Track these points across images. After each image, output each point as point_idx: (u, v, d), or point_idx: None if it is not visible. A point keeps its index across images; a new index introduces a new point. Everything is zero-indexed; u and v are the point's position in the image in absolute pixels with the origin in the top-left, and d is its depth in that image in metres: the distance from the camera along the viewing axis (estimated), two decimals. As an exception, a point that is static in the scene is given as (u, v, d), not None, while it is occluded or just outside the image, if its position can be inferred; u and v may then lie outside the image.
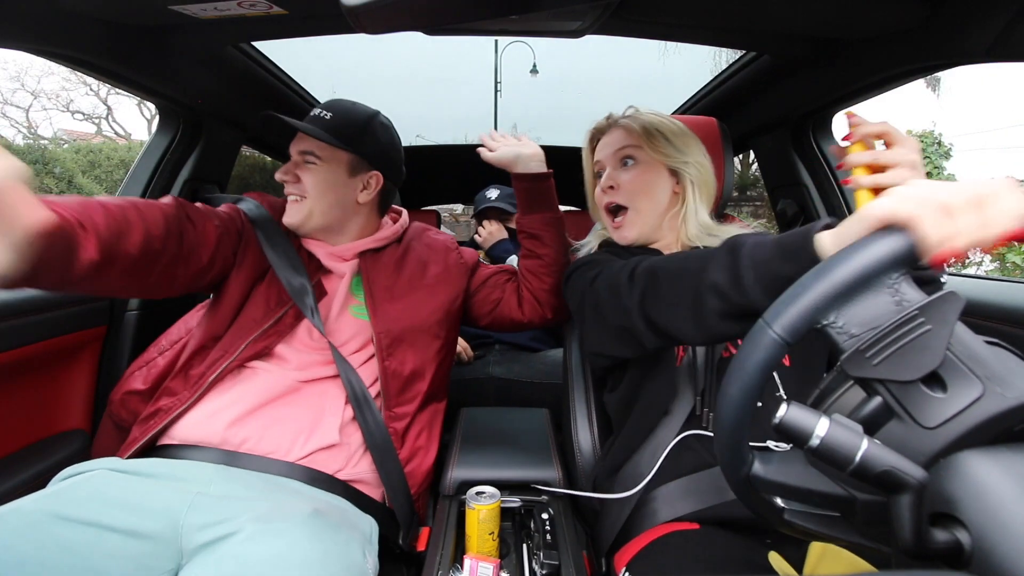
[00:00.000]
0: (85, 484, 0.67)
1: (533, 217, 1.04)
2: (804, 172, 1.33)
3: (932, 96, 9.02)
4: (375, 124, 1.00)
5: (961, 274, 0.85)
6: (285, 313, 0.89)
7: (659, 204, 0.91)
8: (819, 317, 0.39)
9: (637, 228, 0.92)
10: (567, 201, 2.87)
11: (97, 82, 1.71)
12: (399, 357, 0.92)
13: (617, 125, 0.96)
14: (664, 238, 0.94)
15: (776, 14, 0.86)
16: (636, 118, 0.94)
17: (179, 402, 0.82)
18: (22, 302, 0.91)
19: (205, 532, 0.65)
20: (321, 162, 0.94)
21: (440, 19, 0.80)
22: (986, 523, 0.33)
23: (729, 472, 0.44)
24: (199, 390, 0.82)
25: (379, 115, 1.02)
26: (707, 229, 0.90)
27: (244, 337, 0.87)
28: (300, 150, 0.95)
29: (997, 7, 0.70)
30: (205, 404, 0.83)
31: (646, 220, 0.92)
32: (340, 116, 0.96)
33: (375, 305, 0.94)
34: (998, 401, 0.36)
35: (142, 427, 0.83)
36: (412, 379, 0.93)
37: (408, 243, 1.06)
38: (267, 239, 0.94)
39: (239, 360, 0.85)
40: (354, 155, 0.96)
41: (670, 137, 0.92)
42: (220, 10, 0.80)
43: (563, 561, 0.73)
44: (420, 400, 0.93)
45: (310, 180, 0.95)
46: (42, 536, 0.59)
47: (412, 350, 0.94)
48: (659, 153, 0.90)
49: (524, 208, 1.05)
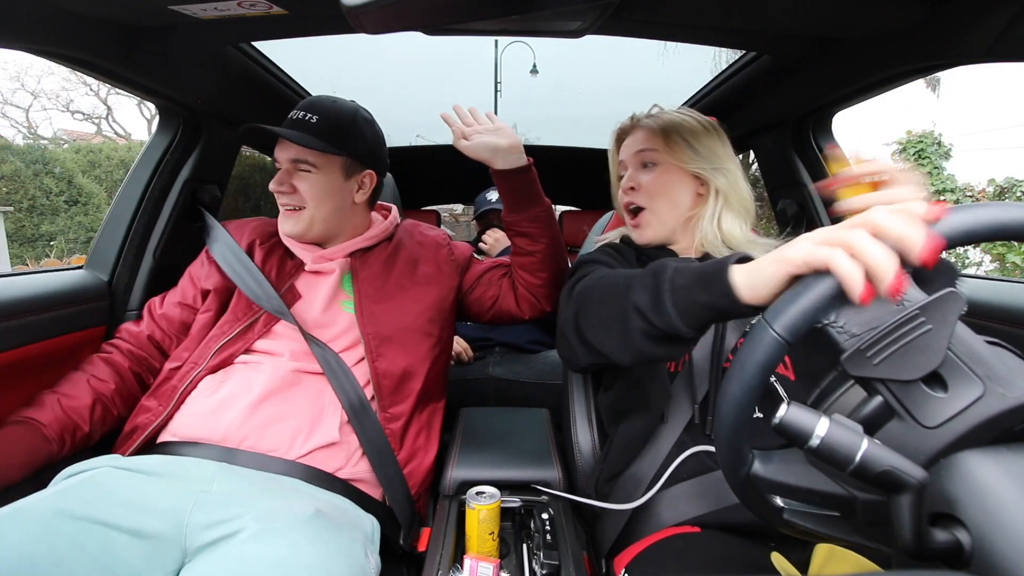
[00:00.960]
0: (91, 482, 0.67)
1: (520, 215, 0.96)
2: (804, 172, 1.33)
3: (932, 96, 9.03)
4: (360, 121, 0.98)
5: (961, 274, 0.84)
6: (255, 320, 0.91)
7: (678, 207, 0.90)
8: (820, 316, 0.39)
9: (653, 229, 0.91)
10: (567, 201, 2.87)
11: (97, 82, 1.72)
12: (389, 357, 0.92)
13: (639, 126, 0.95)
14: (681, 241, 0.93)
15: (776, 14, 0.86)
16: (658, 118, 0.93)
17: (154, 416, 0.84)
18: (22, 302, 0.91)
19: (209, 531, 0.65)
20: (316, 169, 0.93)
21: (440, 19, 0.80)
22: (986, 523, 0.33)
23: (729, 472, 0.44)
24: (171, 402, 0.84)
25: (361, 110, 1.00)
26: (724, 237, 0.88)
27: (211, 346, 0.89)
28: (291, 158, 0.93)
29: (997, 7, 0.70)
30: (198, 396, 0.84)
31: (663, 222, 0.91)
32: (326, 118, 0.93)
33: (363, 307, 0.94)
34: (999, 401, 0.36)
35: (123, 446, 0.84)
36: (405, 378, 0.92)
37: (399, 241, 1.06)
38: (227, 263, 0.96)
39: (208, 370, 0.87)
40: (347, 158, 0.95)
41: (690, 139, 0.90)
42: (220, 10, 0.80)
43: (563, 561, 0.73)
44: (415, 399, 0.93)
45: (307, 189, 0.93)
46: (52, 534, 0.59)
47: (403, 350, 0.93)
48: (677, 157, 0.89)
49: (510, 206, 0.97)
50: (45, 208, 8.17)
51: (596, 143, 2.24)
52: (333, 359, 0.88)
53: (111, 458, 0.74)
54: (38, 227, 8.20)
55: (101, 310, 1.09)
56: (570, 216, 2.56)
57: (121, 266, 1.13)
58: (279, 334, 0.91)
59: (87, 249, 2.96)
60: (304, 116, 0.93)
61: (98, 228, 1.16)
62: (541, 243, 0.97)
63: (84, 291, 1.05)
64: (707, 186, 0.90)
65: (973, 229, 0.37)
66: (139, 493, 0.68)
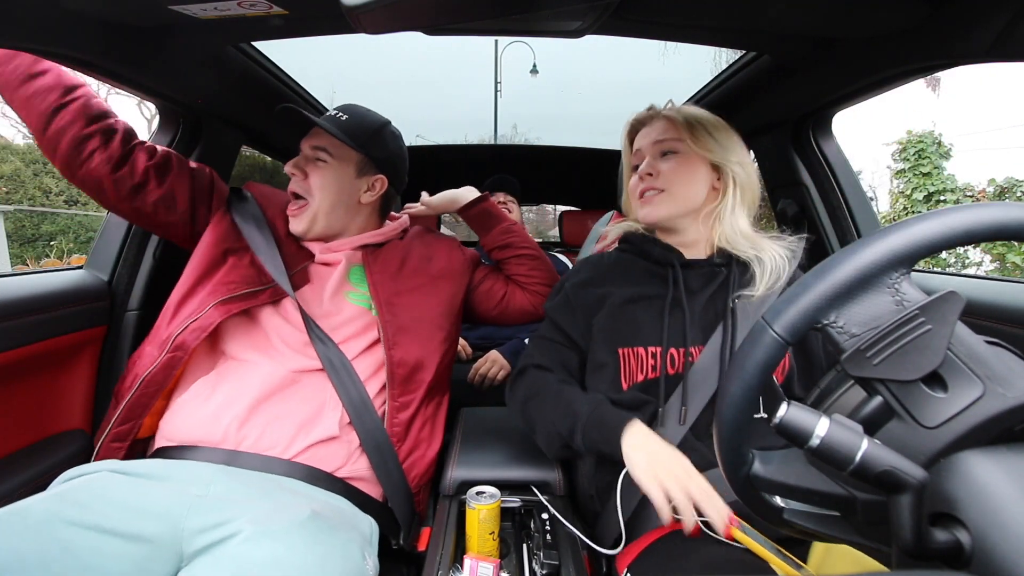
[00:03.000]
0: (87, 487, 0.67)
1: (493, 233, 1.14)
2: (804, 172, 1.33)
3: (932, 96, 9.02)
4: (386, 132, 1.05)
5: (961, 274, 0.84)
6: (263, 290, 0.90)
7: (696, 195, 0.90)
8: (819, 317, 0.39)
9: (667, 208, 0.90)
10: (567, 201, 2.87)
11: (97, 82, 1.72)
12: (404, 347, 0.93)
13: (659, 116, 0.95)
14: (691, 234, 0.92)
15: (776, 14, 0.86)
16: (679, 110, 0.94)
17: (150, 362, 0.83)
18: (22, 302, 0.91)
19: (204, 535, 0.65)
20: (332, 160, 0.98)
21: (440, 19, 0.80)
22: (986, 523, 0.33)
23: (729, 471, 0.44)
24: (165, 348, 0.83)
25: (391, 125, 1.08)
26: (743, 234, 0.88)
27: (211, 299, 0.87)
28: (313, 145, 0.99)
29: (997, 7, 0.70)
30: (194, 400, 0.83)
31: (678, 204, 0.90)
32: (355, 119, 1.00)
33: (379, 296, 0.95)
34: (999, 401, 0.36)
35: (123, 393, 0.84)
36: (417, 368, 0.94)
37: (411, 239, 1.10)
38: (243, 221, 0.97)
39: (204, 319, 0.85)
40: (363, 156, 1.00)
41: (712, 131, 0.90)
42: (220, 10, 0.80)
43: (563, 561, 0.73)
44: (424, 390, 0.94)
45: (317, 179, 0.98)
46: (44, 538, 0.59)
47: (417, 340, 0.95)
48: (701, 147, 0.89)
49: (482, 230, 1.15)
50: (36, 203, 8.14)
51: (596, 143, 2.24)
52: (335, 356, 0.88)
53: (110, 463, 0.74)
54: (38, 227, 8.20)
55: (101, 310, 1.09)
56: (570, 216, 2.55)
57: (121, 266, 1.13)
58: (281, 321, 0.91)
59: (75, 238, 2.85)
60: (336, 114, 1.01)
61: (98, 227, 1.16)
62: (522, 247, 1.14)
63: (84, 291, 1.05)
64: (724, 180, 0.90)
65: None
66: (135, 497, 0.67)
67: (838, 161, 1.29)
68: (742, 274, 0.87)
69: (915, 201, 7.77)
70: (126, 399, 0.83)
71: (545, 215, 13.70)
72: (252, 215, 0.99)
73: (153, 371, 0.83)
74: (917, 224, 0.38)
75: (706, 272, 0.88)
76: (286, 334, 0.90)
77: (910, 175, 7.87)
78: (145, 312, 1.15)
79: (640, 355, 0.83)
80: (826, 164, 1.29)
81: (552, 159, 2.34)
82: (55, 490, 0.68)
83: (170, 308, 0.90)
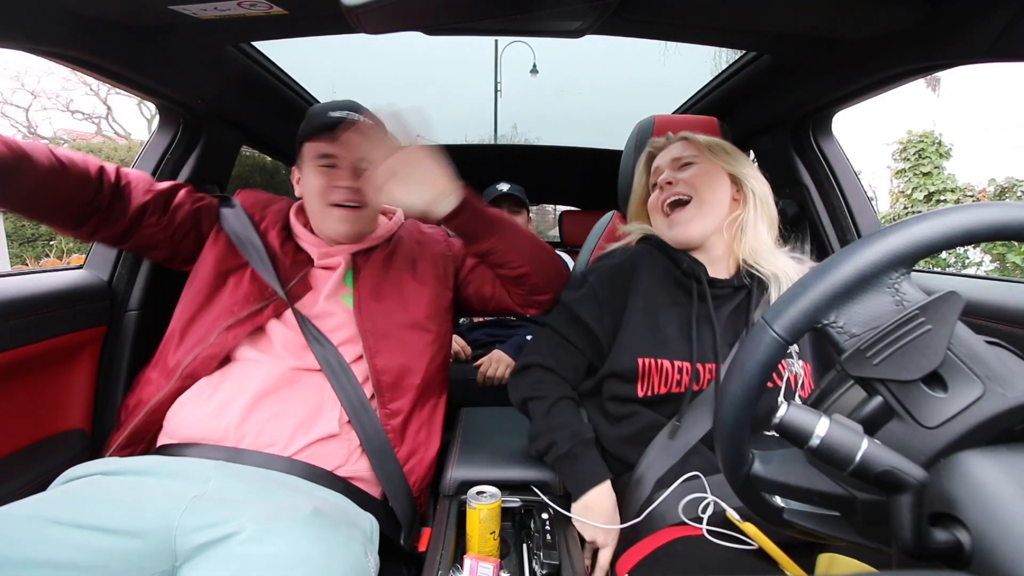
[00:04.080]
0: (82, 487, 0.67)
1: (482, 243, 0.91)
2: (804, 172, 1.33)
3: (932, 96, 9.02)
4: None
5: (961, 274, 0.84)
6: (264, 307, 0.90)
7: (721, 201, 0.91)
8: (819, 317, 0.39)
9: (699, 224, 0.90)
10: (567, 201, 2.87)
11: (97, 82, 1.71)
12: (387, 354, 0.92)
13: (677, 139, 0.99)
14: (716, 247, 0.92)
15: (776, 14, 0.86)
16: (693, 135, 0.98)
17: (156, 390, 0.84)
18: (22, 302, 0.90)
19: (202, 533, 0.64)
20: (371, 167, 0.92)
21: (440, 19, 0.80)
22: (986, 523, 0.33)
23: (729, 471, 0.44)
24: (174, 376, 0.84)
25: None
26: (767, 247, 0.89)
27: (219, 324, 0.88)
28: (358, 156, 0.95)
29: (997, 7, 0.70)
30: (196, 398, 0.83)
31: (709, 215, 0.90)
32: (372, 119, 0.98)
33: (361, 305, 0.95)
34: (999, 401, 0.36)
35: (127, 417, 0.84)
36: (403, 374, 0.93)
37: (399, 240, 1.08)
38: (238, 236, 0.96)
39: (214, 347, 0.86)
40: None
41: (728, 150, 0.95)
42: (220, 10, 0.80)
43: (563, 561, 0.73)
44: (415, 394, 0.93)
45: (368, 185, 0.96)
46: (35, 538, 0.59)
47: (400, 346, 0.94)
48: (720, 159, 0.92)
49: (468, 240, 0.92)
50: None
51: (596, 143, 2.24)
52: (333, 358, 0.88)
53: (108, 462, 0.74)
54: (38, 227, 8.20)
55: (101, 310, 1.09)
56: (570, 216, 2.55)
57: (121, 266, 1.13)
58: (277, 328, 0.91)
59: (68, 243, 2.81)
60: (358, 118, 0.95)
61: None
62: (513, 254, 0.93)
63: (84, 291, 1.05)
64: (743, 191, 0.92)
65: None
66: (131, 493, 0.67)
67: (838, 161, 1.29)
68: (760, 294, 0.88)
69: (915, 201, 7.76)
70: (132, 423, 0.83)
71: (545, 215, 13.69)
72: (244, 227, 0.98)
73: (161, 399, 0.84)
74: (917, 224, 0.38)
75: (728, 292, 0.90)
76: (286, 338, 0.90)
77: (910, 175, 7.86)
78: (145, 312, 1.15)
79: (665, 368, 0.83)
80: (826, 164, 1.29)
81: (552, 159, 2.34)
82: (49, 492, 0.68)
83: (175, 334, 0.90)
